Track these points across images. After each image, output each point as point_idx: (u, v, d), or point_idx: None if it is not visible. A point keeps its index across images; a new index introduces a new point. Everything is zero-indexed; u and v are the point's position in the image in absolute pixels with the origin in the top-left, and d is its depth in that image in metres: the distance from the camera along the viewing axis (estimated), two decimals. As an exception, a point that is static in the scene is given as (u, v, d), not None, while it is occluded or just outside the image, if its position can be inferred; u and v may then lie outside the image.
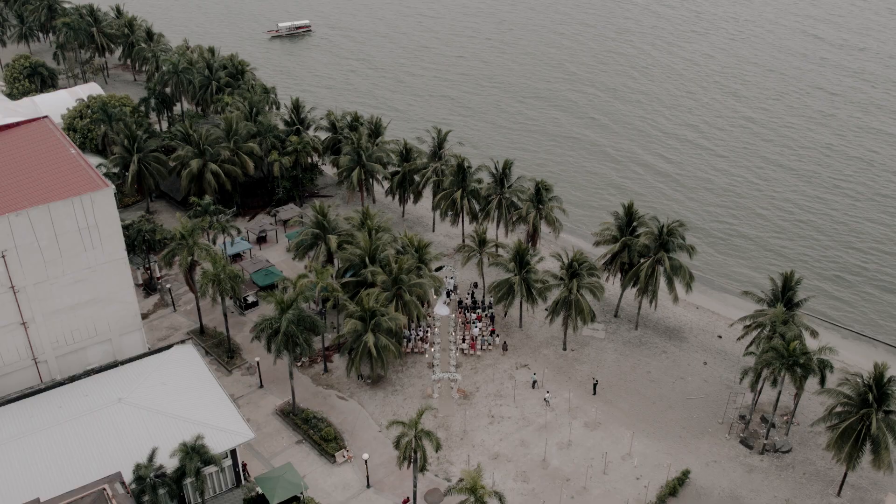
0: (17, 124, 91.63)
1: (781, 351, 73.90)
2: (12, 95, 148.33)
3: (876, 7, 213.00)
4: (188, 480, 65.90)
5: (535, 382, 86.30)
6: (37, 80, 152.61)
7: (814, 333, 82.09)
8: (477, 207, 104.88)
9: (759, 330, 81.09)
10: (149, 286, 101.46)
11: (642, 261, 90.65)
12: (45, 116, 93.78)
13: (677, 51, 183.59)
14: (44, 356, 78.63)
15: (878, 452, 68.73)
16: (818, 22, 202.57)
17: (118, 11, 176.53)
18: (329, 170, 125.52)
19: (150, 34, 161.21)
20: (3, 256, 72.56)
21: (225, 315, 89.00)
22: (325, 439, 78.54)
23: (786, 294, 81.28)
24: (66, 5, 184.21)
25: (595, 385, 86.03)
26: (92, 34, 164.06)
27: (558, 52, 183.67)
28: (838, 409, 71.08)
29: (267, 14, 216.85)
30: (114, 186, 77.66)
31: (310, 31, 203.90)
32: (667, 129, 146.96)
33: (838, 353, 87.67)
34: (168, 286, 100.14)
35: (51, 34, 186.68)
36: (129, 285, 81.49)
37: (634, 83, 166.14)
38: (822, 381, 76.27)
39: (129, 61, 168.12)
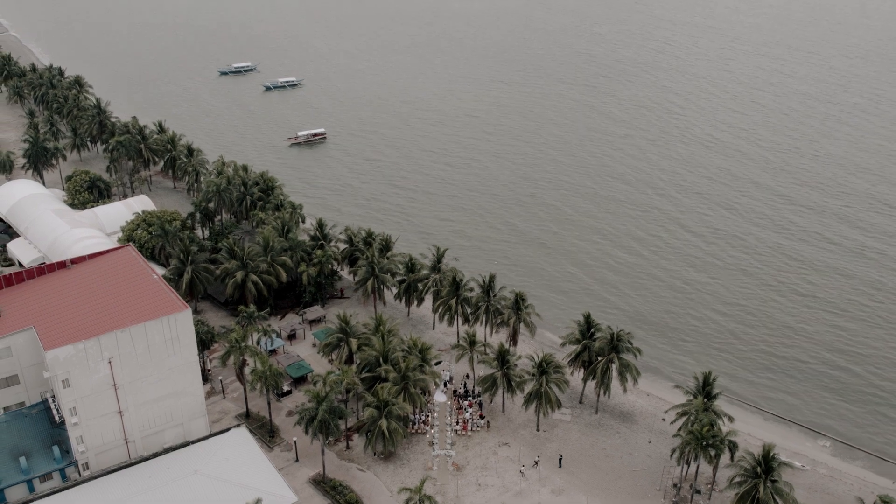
0: (106, 252, 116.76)
1: (697, 435, 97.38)
2: (73, 205, 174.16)
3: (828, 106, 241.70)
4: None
5: (536, 462, 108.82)
6: (95, 191, 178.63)
7: (730, 419, 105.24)
8: (468, 311, 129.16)
9: (685, 417, 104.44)
10: (202, 377, 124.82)
11: (599, 359, 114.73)
12: (129, 244, 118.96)
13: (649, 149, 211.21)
14: (133, 437, 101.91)
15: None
16: (761, 129, 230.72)
17: (160, 127, 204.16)
18: (347, 275, 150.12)
19: (190, 150, 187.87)
20: (109, 362, 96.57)
21: (269, 403, 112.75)
22: (348, 503, 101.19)
23: (705, 388, 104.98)
24: (113, 119, 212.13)
25: (560, 459, 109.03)
26: (140, 149, 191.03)
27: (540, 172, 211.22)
28: (737, 479, 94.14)
29: (286, 119, 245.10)
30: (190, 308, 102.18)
31: (325, 138, 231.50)
32: (634, 233, 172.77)
33: (752, 434, 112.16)
34: (220, 377, 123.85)
35: (99, 143, 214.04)
36: (198, 381, 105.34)
37: (601, 185, 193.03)
38: (732, 457, 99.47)
39: (170, 172, 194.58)
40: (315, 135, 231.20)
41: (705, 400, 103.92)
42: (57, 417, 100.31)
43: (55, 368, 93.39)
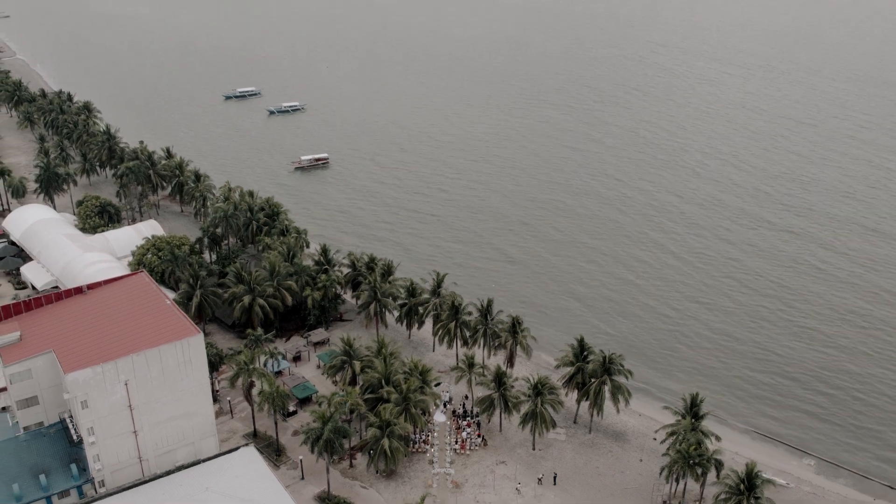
0: (121, 278, 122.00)
1: (684, 453, 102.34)
2: (84, 230, 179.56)
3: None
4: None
5: (539, 480, 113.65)
6: (105, 216, 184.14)
7: (717, 438, 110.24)
8: (467, 335, 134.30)
9: (674, 436, 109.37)
10: (211, 397, 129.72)
11: (592, 381, 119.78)
12: (142, 270, 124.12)
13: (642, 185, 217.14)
14: (146, 455, 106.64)
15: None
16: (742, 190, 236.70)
17: (168, 153, 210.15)
18: (350, 299, 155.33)
19: (197, 176, 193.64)
20: (126, 384, 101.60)
21: (275, 423, 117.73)
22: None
23: (692, 409, 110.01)
24: (122, 145, 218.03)
25: (555, 477, 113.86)
26: (149, 175, 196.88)
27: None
28: (722, 496, 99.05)
29: (290, 144, 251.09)
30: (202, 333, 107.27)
31: (327, 163, 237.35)
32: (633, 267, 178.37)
33: (740, 452, 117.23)
34: (228, 398, 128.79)
35: (108, 168, 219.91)
36: (209, 402, 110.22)
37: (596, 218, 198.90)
38: (718, 475, 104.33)
39: (178, 196, 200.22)
40: (318, 159, 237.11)
41: (693, 420, 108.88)
42: (74, 437, 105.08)
43: (75, 390, 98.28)
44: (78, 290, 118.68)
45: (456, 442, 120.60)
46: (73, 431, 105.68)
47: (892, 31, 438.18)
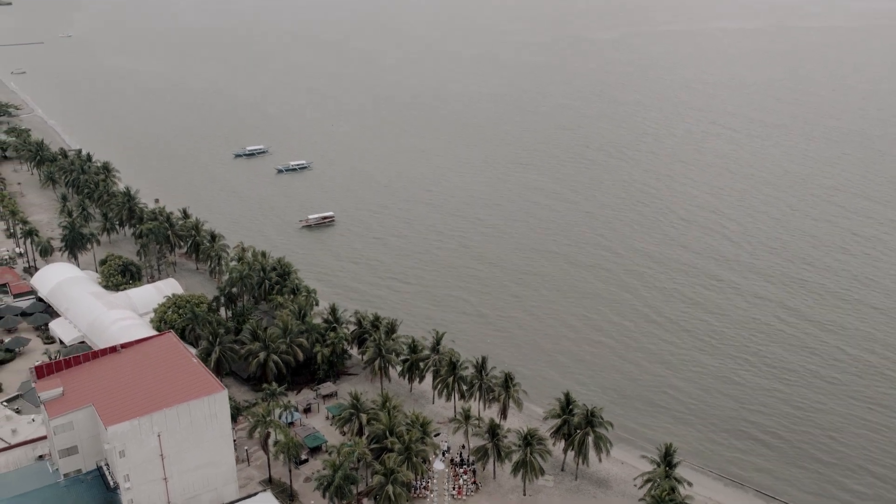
0: (151, 338, 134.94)
1: (657, 499, 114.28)
2: (107, 287, 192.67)
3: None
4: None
5: None
6: (127, 274, 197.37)
7: (689, 484, 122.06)
8: (464, 389, 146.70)
9: (650, 483, 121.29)
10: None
11: (577, 432, 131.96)
12: (170, 331, 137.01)
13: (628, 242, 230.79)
14: (175, 500, 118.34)
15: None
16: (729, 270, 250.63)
17: (185, 213, 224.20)
18: (356, 354, 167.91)
19: (213, 236, 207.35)
20: (159, 436, 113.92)
21: (290, 470, 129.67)
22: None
23: (666, 458, 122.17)
24: (141, 206, 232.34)
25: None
26: (167, 235, 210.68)
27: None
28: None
29: (297, 202, 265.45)
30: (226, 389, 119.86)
31: (333, 221, 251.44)
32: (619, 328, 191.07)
33: (713, 498, 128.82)
34: (245, 447, 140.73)
35: (127, 227, 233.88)
36: (231, 452, 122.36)
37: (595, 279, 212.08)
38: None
39: (194, 255, 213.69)
40: (325, 218, 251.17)
41: (666, 468, 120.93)
42: (111, 483, 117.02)
43: (114, 441, 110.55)
44: (112, 349, 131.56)
45: (454, 488, 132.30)
46: (109, 478, 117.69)
47: (873, 88, 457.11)
